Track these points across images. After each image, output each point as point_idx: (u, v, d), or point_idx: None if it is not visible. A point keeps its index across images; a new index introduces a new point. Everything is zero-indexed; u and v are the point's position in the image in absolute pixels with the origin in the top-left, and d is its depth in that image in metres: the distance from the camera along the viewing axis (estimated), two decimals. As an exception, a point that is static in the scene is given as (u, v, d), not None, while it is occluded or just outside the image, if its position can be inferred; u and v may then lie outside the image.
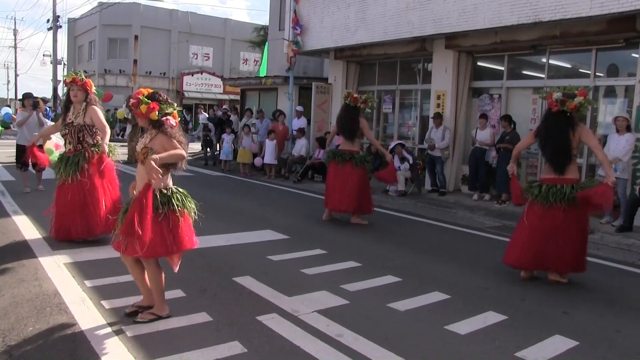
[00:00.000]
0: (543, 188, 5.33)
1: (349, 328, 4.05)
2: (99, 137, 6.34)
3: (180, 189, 4.23)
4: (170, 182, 4.19)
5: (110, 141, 6.47)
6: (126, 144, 16.33)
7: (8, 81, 56.68)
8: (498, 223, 8.73)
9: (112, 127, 15.53)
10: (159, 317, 4.14)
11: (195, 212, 4.30)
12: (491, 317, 4.42)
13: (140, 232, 3.76)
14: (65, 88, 6.56)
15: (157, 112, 3.96)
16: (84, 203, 6.22)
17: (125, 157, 15.90)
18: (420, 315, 4.44)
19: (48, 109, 11.73)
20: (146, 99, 3.97)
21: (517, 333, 4.15)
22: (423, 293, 4.95)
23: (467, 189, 11.37)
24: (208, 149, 16.79)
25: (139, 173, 4.08)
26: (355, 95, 8.18)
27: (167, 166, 4.05)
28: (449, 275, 5.67)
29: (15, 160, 10.25)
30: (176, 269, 4.28)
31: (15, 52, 51.96)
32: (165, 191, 4.06)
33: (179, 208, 4.07)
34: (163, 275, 4.20)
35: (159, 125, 4.01)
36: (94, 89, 6.47)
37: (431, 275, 5.65)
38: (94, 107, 6.29)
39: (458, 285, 5.28)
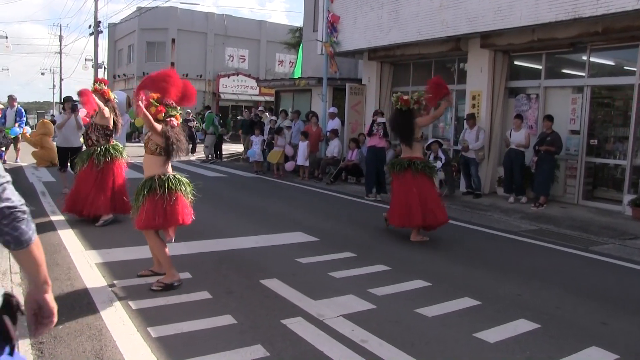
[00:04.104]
0: None
1: (374, 333, 3.96)
2: (112, 139, 7.68)
3: (177, 175, 5.05)
4: (169, 169, 5.06)
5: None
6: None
7: (54, 85, 58.57)
8: (535, 227, 8.48)
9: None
10: (171, 285, 4.84)
11: (192, 194, 5.14)
12: (523, 326, 4.25)
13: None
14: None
15: (163, 114, 4.94)
16: (83, 189, 7.47)
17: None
18: (448, 321, 4.31)
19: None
20: (156, 103, 4.94)
21: (550, 343, 3.97)
22: (453, 298, 4.82)
23: (502, 191, 11.09)
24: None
25: (145, 162, 5.07)
26: (406, 97, 7.43)
27: (166, 156, 4.98)
28: (480, 280, 5.51)
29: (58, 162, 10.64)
30: (172, 239, 5.09)
31: (61, 58, 53.56)
32: (162, 177, 4.92)
33: (172, 190, 4.91)
34: (166, 246, 5.01)
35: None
36: (112, 96, 7.84)
37: (462, 280, 5.49)
38: (105, 108, 7.57)
39: (489, 291, 5.11)
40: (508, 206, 10.14)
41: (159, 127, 4.87)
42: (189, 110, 24.06)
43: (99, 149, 7.47)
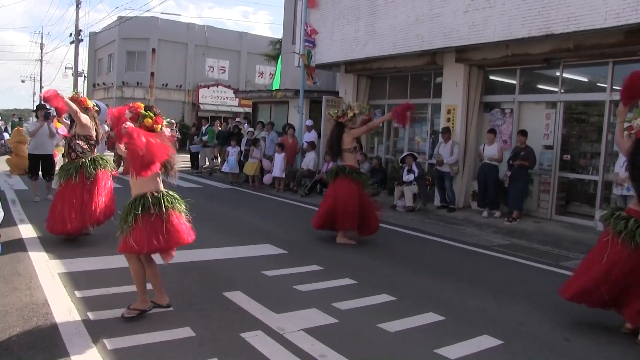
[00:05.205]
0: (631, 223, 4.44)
1: (334, 348, 3.89)
2: (95, 149, 7.18)
3: (171, 192, 4.51)
4: (161, 186, 4.51)
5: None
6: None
7: (34, 93, 58.21)
8: (507, 241, 8.48)
9: None
10: (144, 311, 4.40)
11: (186, 212, 4.59)
12: (486, 341, 4.20)
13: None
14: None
15: (160, 126, 4.46)
16: (77, 203, 6.86)
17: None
18: (410, 336, 4.24)
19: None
20: (150, 113, 4.42)
21: (511, 359, 3.92)
22: (417, 313, 4.75)
23: (476, 206, 11.11)
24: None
25: (132, 181, 4.46)
26: (334, 110, 7.94)
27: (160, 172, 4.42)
28: (447, 295, 5.46)
29: (28, 170, 10.51)
30: (168, 261, 4.61)
31: (41, 65, 53.20)
32: (156, 194, 4.39)
33: (169, 209, 4.41)
34: (144, 270, 4.49)
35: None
36: (90, 104, 7.35)
37: (428, 294, 5.44)
38: (83, 115, 7.08)
39: (455, 306, 5.06)
40: (481, 220, 10.15)
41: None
42: (173, 121, 23.82)
43: (87, 160, 6.97)
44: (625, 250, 4.39)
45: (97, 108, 7.59)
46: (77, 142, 7.02)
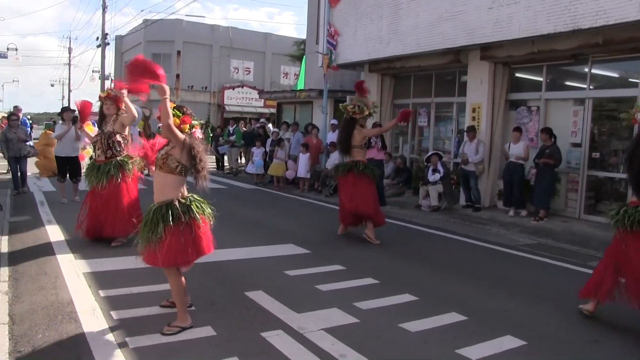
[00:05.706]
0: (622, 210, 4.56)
1: (354, 348, 3.86)
2: (127, 148, 7.09)
3: (196, 196, 4.31)
4: (185, 191, 4.29)
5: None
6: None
7: (62, 97, 59.51)
8: (533, 241, 8.32)
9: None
10: (183, 329, 4.16)
11: (212, 218, 4.39)
12: (508, 342, 4.12)
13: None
14: (100, 103, 7.40)
15: (188, 126, 4.20)
16: (109, 207, 6.84)
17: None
18: (431, 337, 4.20)
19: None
20: (178, 112, 4.19)
21: (535, 360, 3.85)
22: (439, 313, 4.70)
23: (502, 205, 10.93)
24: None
25: (156, 182, 4.25)
26: (350, 106, 7.97)
27: (184, 174, 4.20)
28: (469, 295, 5.38)
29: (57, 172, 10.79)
30: (185, 270, 4.37)
31: (70, 69, 54.41)
32: (183, 200, 4.18)
33: (200, 215, 4.20)
34: (184, 285, 4.30)
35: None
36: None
37: (451, 294, 5.37)
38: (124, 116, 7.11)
39: (478, 306, 4.98)
40: (507, 220, 9.98)
41: (181, 136, 4.14)
42: (201, 121, 24.14)
43: (124, 158, 6.96)
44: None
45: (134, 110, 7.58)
46: (116, 139, 6.96)
